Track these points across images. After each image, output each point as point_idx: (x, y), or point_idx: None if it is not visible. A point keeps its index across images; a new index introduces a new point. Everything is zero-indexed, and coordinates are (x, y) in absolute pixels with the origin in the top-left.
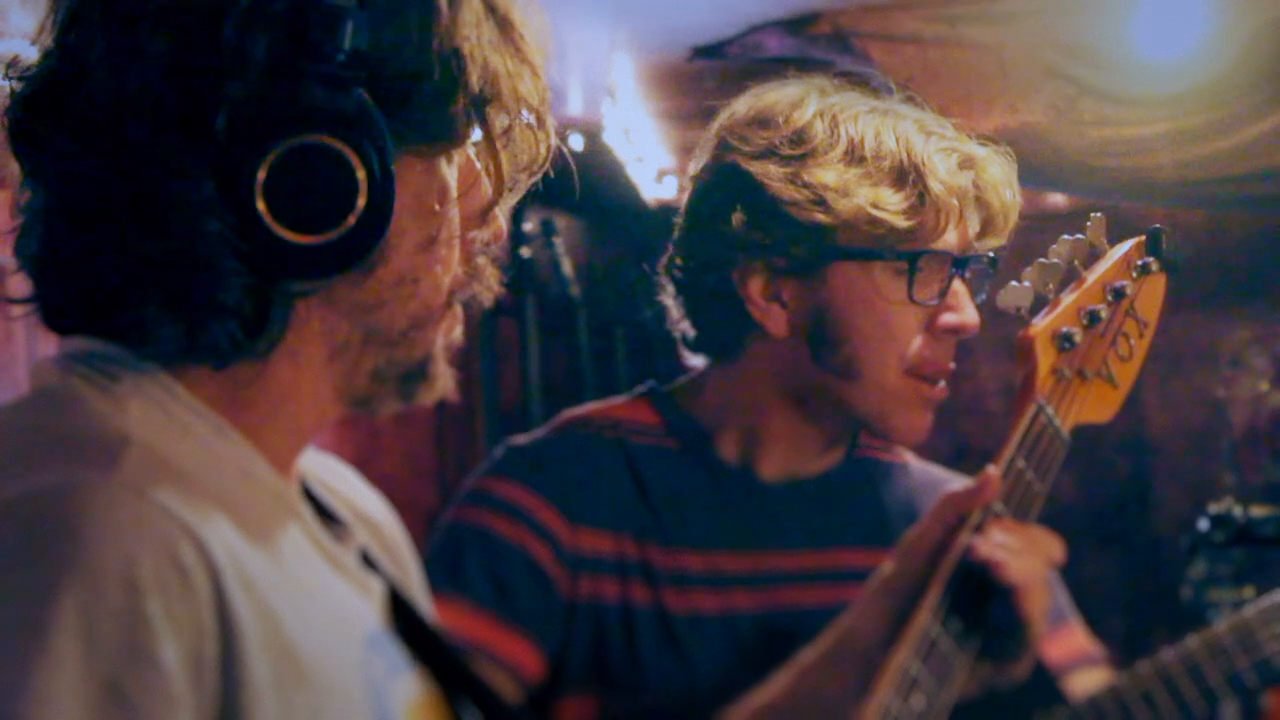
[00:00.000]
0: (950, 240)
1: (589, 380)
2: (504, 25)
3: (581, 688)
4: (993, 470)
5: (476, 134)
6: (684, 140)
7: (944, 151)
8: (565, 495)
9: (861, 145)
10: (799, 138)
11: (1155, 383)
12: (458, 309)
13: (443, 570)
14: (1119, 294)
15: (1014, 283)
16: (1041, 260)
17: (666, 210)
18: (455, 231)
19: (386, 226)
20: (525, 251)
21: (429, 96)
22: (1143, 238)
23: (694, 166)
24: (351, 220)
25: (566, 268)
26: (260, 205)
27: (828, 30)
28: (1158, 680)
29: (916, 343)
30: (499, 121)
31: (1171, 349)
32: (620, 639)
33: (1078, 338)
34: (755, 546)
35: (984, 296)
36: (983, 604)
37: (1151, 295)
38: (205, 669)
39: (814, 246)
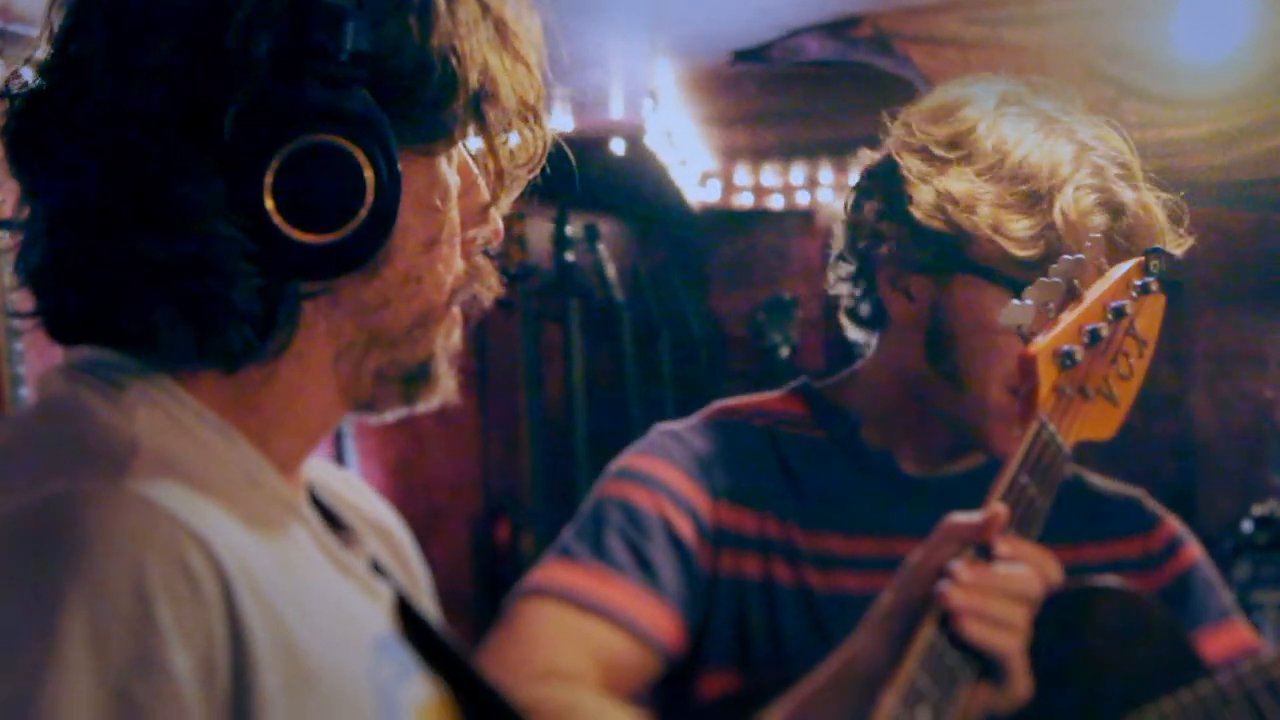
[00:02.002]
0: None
1: (633, 384)
2: (499, 24)
3: (724, 662)
4: (999, 506)
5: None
6: (726, 144)
7: (1087, 189)
8: (708, 471)
9: (1005, 163)
10: (955, 140)
11: (1203, 384)
12: (457, 310)
13: (586, 539)
14: (1119, 313)
15: (1015, 300)
16: (1043, 279)
17: (710, 213)
18: (456, 230)
19: (393, 224)
20: (569, 256)
21: (429, 95)
22: (1142, 258)
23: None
24: (360, 218)
25: (610, 272)
26: (269, 206)
27: (869, 33)
28: (1259, 682)
29: None
30: (497, 120)
31: (1219, 350)
32: (763, 615)
33: (1079, 356)
34: (894, 533)
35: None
36: None
37: (1151, 315)
38: (216, 676)
39: (929, 250)
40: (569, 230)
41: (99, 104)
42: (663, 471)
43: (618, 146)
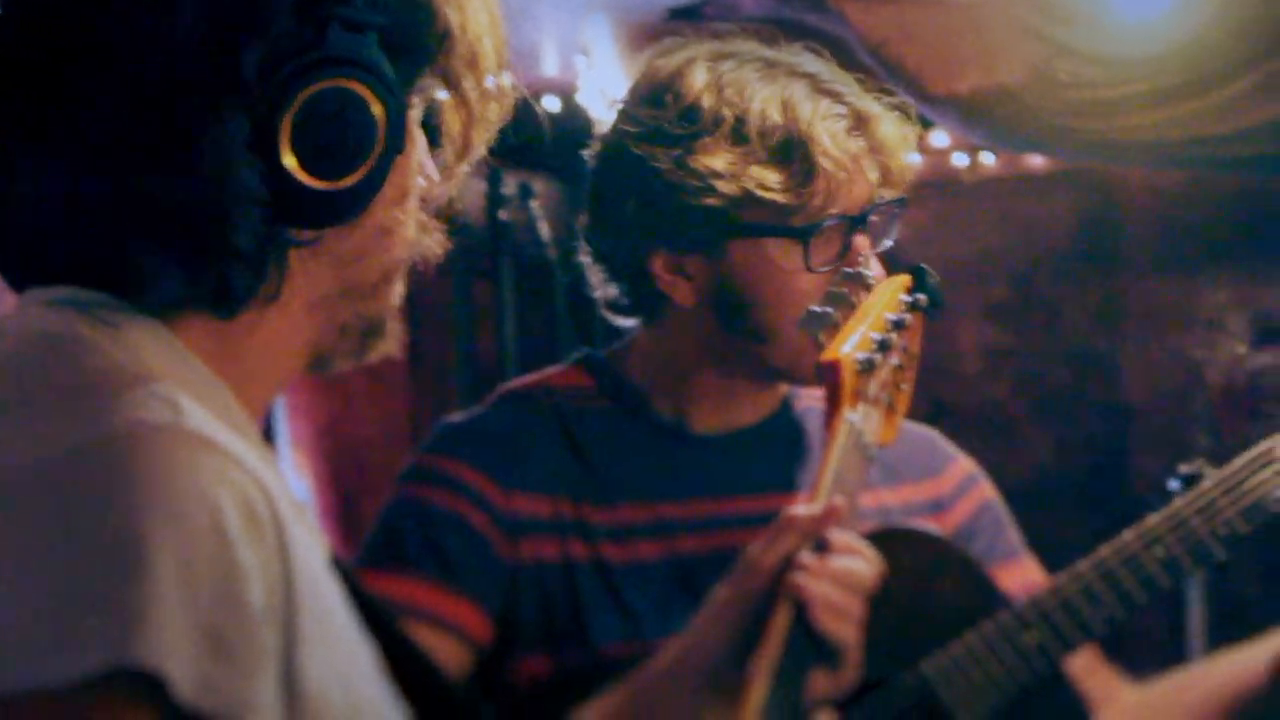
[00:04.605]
0: (853, 198)
1: (565, 343)
2: None
3: (534, 647)
4: (837, 500)
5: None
6: None
7: (834, 117)
8: (498, 463)
9: (747, 121)
10: (686, 116)
11: (1134, 345)
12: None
13: (385, 545)
14: (899, 325)
15: (814, 308)
16: (832, 290)
17: None
18: (420, 185)
19: (388, 175)
20: (503, 215)
21: (422, 45)
22: (908, 275)
23: (594, 144)
24: (370, 166)
25: (543, 230)
26: (285, 149)
27: None
28: (1097, 574)
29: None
30: (468, 78)
31: (1149, 312)
32: (565, 596)
33: (876, 363)
34: (694, 495)
35: (892, 241)
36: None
37: (915, 331)
38: (277, 615)
39: (708, 227)
40: (503, 189)
41: (123, 40)
42: (454, 468)
43: (551, 104)
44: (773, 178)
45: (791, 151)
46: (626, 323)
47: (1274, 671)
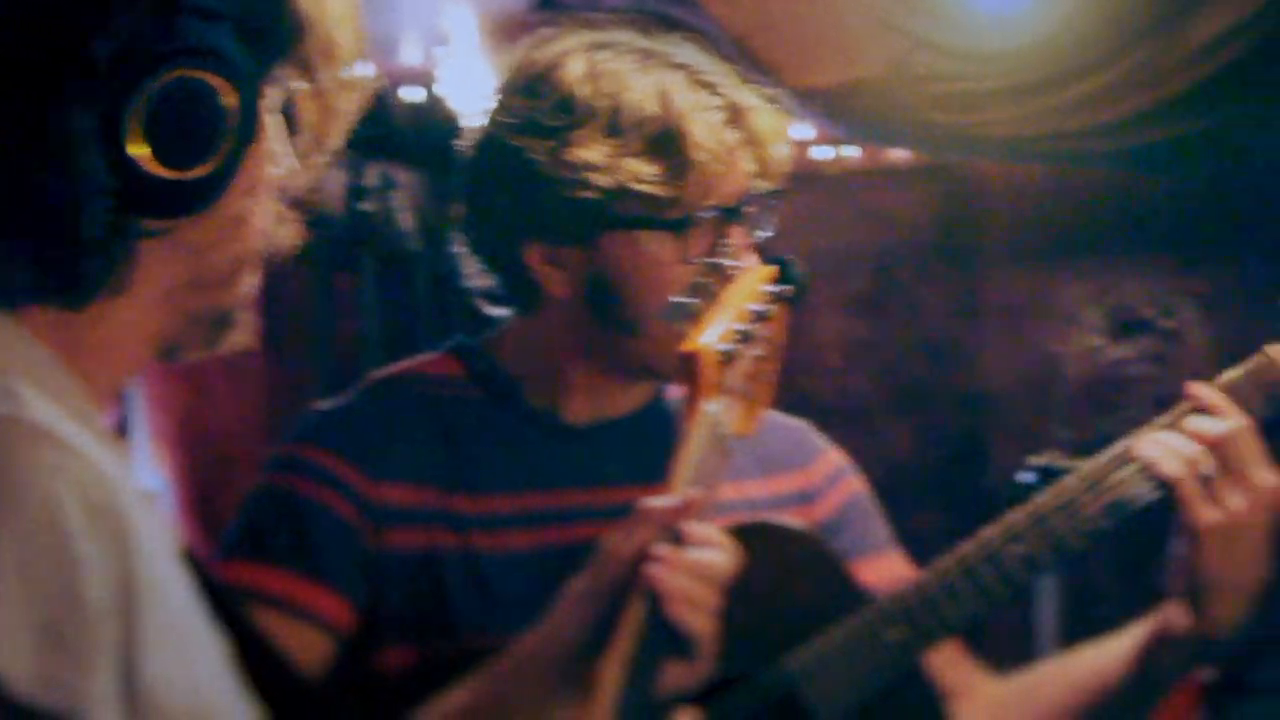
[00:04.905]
0: (728, 190)
1: (426, 334)
2: None
3: (399, 636)
4: (694, 492)
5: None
6: None
7: (710, 109)
8: (366, 452)
9: (622, 113)
10: (561, 107)
11: (993, 337)
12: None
13: (249, 535)
14: (762, 316)
15: (677, 299)
16: (695, 280)
17: None
18: (275, 175)
19: (241, 164)
20: (364, 206)
21: (277, 35)
22: (773, 266)
23: (469, 134)
24: (222, 156)
25: (405, 222)
26: (136, 139)
27: None
28: (959, 570)
29: None
30: (324, 68)
31: (1007, 305)
32: (431, 585)
33: (737, 354)
34: (563, 485)
35: (770, 232)
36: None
37: (779, 321)
38: (118, 615)
39: (583, 219)
40: (365, 180)
41: None
42: (320, 457)
43: (412, 94)
44: (648, 171)
45: (667, 144)
46: (500, 312)
47: (1134, 664)
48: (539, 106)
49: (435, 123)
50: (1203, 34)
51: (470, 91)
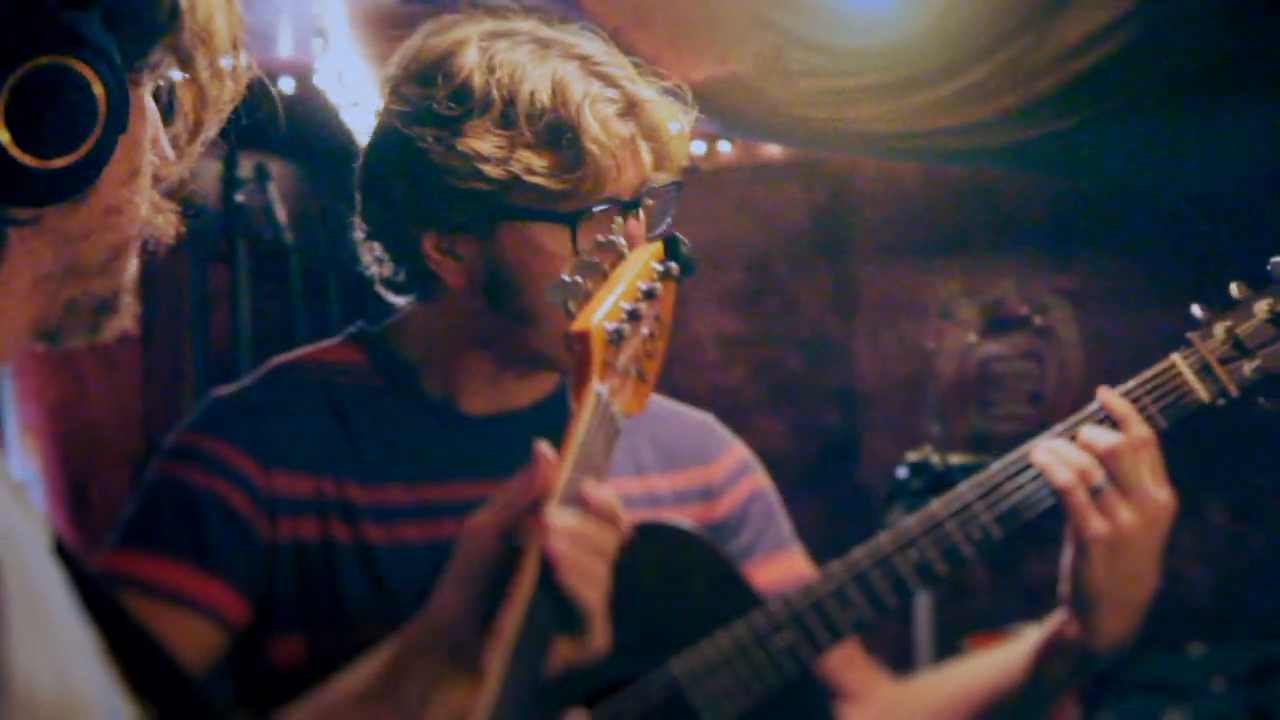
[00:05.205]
0: (624, 182)
1: (301, 326)
2: None
3: (289, 627)
4: (548, 453)
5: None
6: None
7: (604, 100)
8: (259, 440)
9: (516, 103)
10: (456, 97)
11: (867, 333)
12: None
13: (140, 524)
14: (650, 294)
15: (564, 277)
16: (582, 258)
17: None
18: (153, 164)
19: (113, 153)
20: (239, 197)
21: (148, 23)
22: (661, 244)
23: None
24: (90, 145)
25: (280, 213)
26: (0, 128)
27: None
28: (849, 575)
29: None
30: (200, 56)
31: (883, 300)
32: (323, 576)
33: (625, 333)
34: (460, 477)
35: (665, 226)
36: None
37: (667, 299)
38: None
39: (477, 209)
40: (239, 171)
41: None
42: (213, 446)
43: (287, 85)
44: (539, 163)
45: (559, 136)
46: (400, 300)
47: (1027, 671)
48: (433, 95)
49: (311, 115)
50: (1073, 33)
51: (346, 83)
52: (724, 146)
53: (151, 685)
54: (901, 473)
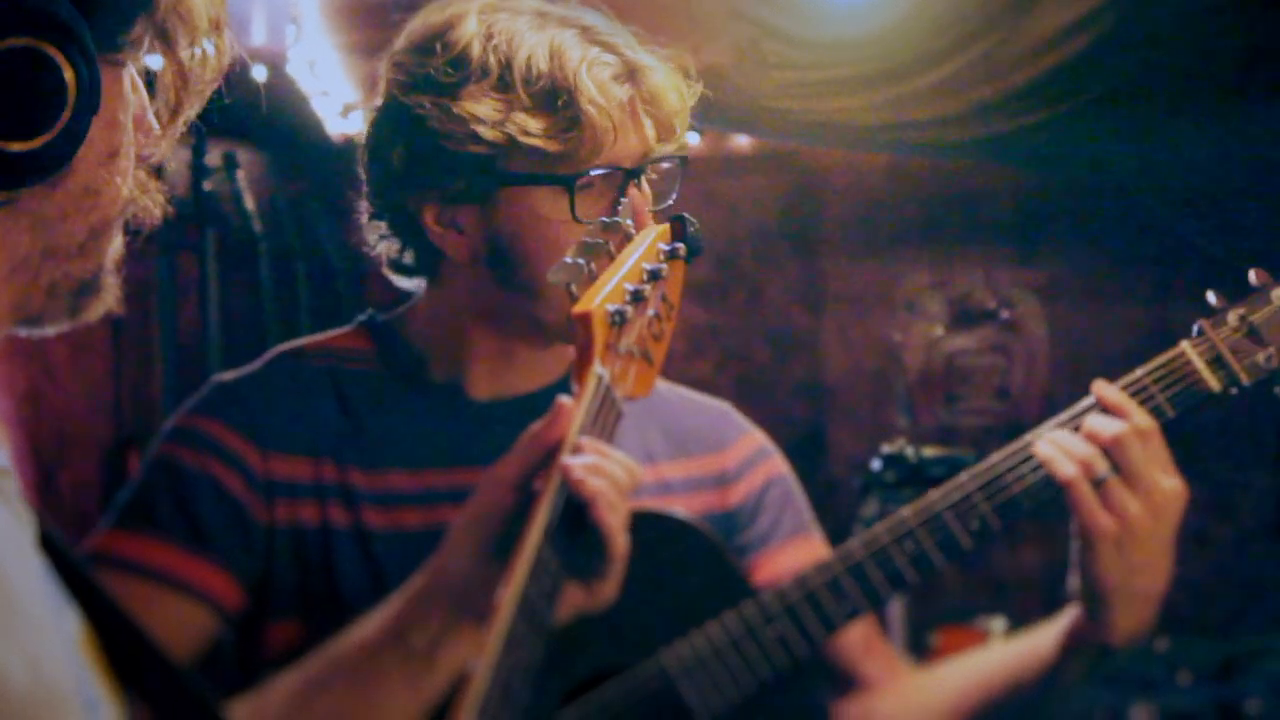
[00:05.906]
0: (624, 150)
1: (269, 315)
2: None
3: (286, 611)
4: (564, 399)
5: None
6: (370, 74)
7: (601, 64)
8: (258, 424)
9: (512, 68)
10: (454, 64)
11: (834, 327)
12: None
13: (137, 506)
14: (655, 276)
15: (566, 259)
16: (585, 239)
17: (351, 145)
18: (134, 144)
19: (85, 134)
20: (207, 185)
21: (123, 4)
22: (668, 225)
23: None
24: (60, 127)
25: (249, 202)
26: None
27: None
28: (844, 567)
29: None
30: (185, 34)
31: (849, 293)
32: (320, 560)
33: (628, 315)
34: (464, 463)
35: (673, 199)
36: (579, 522)
37: (675, 279)
38: None
39: (476, 176)
40: (207, 159)
41: None
42: (212, 429)
43: (258, 73)
44: (535, 124)
45: (555, 98)
46: (407, 284)
47: (1045, 666)
48: (432, 63)
49: (283, 103)
50: (1046, 27)
51: (318, 72)
52: (692, 138)
53: (138, 674)
54: (876, 466)
